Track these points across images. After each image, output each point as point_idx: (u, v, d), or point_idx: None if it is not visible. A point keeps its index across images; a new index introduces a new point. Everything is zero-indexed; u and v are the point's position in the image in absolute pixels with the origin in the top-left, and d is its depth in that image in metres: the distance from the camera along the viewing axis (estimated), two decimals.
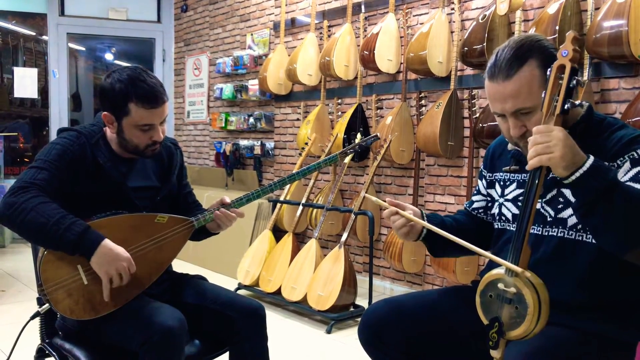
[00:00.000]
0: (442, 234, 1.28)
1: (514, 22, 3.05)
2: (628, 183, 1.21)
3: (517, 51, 1.29)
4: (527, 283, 1.13)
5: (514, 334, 1.15)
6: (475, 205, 1.63)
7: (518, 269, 1.14)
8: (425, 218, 1.49)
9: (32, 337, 1.74)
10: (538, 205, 1.38)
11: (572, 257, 1.32)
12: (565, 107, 1.16)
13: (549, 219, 1.36)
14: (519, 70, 1.28)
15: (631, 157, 1.24)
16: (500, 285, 1.17)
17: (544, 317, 1.12)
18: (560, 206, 1.35)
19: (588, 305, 1.31)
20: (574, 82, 1.15)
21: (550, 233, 1.36)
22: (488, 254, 1.23)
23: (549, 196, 1.37)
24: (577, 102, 1.17)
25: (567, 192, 1.34)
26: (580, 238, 1.32)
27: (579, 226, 1.31)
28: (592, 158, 1.13)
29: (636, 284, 1.32)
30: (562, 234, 1.34)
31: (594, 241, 1.29)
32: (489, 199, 1.60)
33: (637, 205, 1.10)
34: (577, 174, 1.12)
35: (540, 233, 1.37)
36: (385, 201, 1.43)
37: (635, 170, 1.23)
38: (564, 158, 1.11)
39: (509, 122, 1.33)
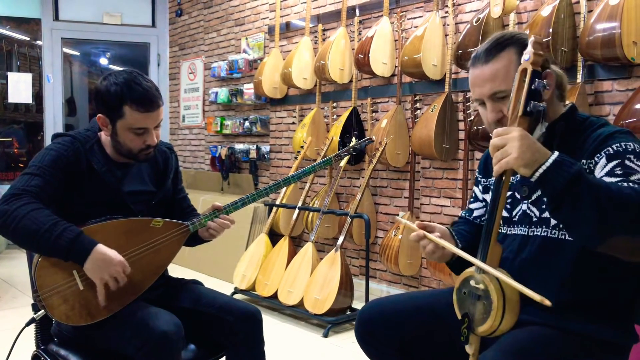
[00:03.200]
0: (473, 261, 1.24)
1: (508, 25, 3.07)
2: (604, 178, 1.22)
3: (497, 41, 1.37)
4: (492, 280, 1.17)
5: (481, 329, 1.18)
6: (475, 213, 1.63)
7: (484, 266, 1.18)
8: (455, 237, 1.47)
9: (28, 344, 1.73)
10: (524, 207, 1.41)
11: (556, 256, 1.33)
12: (528, 109, 1.18)
13: (534, 219, 1.38)
14: (497, 55, 1.35)
15: (607, 152, 1.26)
16: (472, 282, 1.22)
17: (509, 314, 1.15)
18: (544, 206, 1.36)
19: (572, 304, 1.31)
20: (536, 84, 1.17)
21: (535, 233, 1.38)
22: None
23: (534, 197, 1.39)
24: (541, 105, 1.18)
25: None
26: (563, 237, 1.33)
27: (561, 225, 1.32)
28: (556, 154, 1.14)
29: (619, 283, 1.33)
30: (545, 233, 1.36)
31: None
32: (484, 204, 1.61)
33: (604, 196, 1.10)
34: (540, 170, 1.13)
35: (526, 233, 1.39)
36: (414, 222, 1.41)
37: (610, 165, 1.24)
38: (522, 157, 1.13)
39: (487, 108, 1.38)
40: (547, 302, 1.03)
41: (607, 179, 1.21)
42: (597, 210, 1.09)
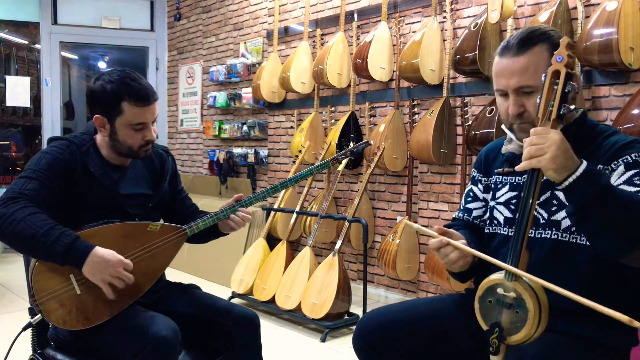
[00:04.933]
0: (498, 263, 1.19)
1: (506, 30, 3.08)
2: (621, 186, 1.22)
3: (530, 34, 1.35)
4: (526, 287, 1.13)
5: (515, 338, 1.14)
6: (475, 213, 1.58)
7: (520, 272, 1.14)
8: (471, 245, 1.39)
9: (24, 348, 1.73)
10: None
11: (567, 260, 1.32)
12: (561, 112, 1.16)
13: (542, 221, 1.37)
14: (529, 49, 1.33)
15: (625, 160, 1.26)
16: (500, 290, 1.17)
17: (544, 321, 1.13)
18: (553, 208, 1.35)
19: (581, 310, 1.31)
20: (569, 87, 1.16)
21: (543, 235, 1.36)
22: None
23: (542, 198, 1.37)
24: (572, 107, 1.18)
25: (561, 194, 1.34)
26: (574, 240, 1.32)
27: (573, 228, 1.32)
28: (585, 163, 1.14)
29: (629, 288, 1.33)
30: (555, 236, 1.34)
31: (587, 243, 1.30)
32: (485, 203, 1.58)
33: (631, 208, 1.11)
34: (571, 179, 1.12)
35: (533, 235, 1.37)
36: (434, 228, 1.33)
37: (629, 173, 1.24)
38: (554, 160, 1.12)
39: (509, 101, 1.35)
40: (628, 320, 0.97)
41: (626, 188, 1.21)
42: (623, 223, 1.10)
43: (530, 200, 1.18)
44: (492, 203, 1.52)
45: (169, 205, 1.87)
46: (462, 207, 1.62)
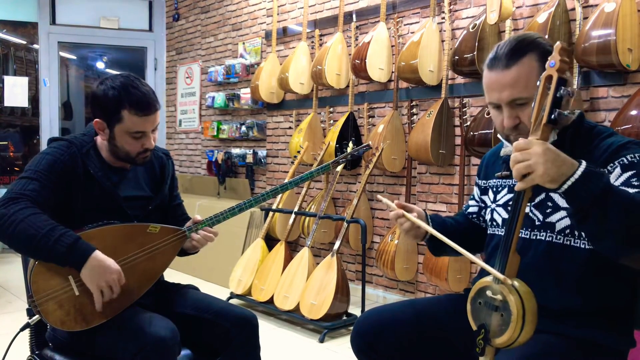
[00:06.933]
0: (444, 239, 1.31)
1: (504, 31, 3.09)
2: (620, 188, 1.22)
3: (518, 44, 1.33)
4: (512, 290, 1.13)
5: (499, 341, 1.15)
6: (470, 209, 1.67)
7: (501, 277, 1.15)
8: (429, 220, 1.54)
9: (22, 349, 1.72)
10: (527, 209, 1.38)
11: (561, 262, 1.33)
12: (552, 117, 1.16)
13: (537, 223, 1.37)
14: (518, 60, 1.31)
15: (621, 162, 1.26)
16: (488, 293, 1.18)
17: (529, 326, 1.12)
18: (548, 210, 1.35)
19: (577, 311, 1.31)
20: (562, 92, 1.16)
21: (538, 237, 1.36)
22: (480, 262, 1.23)
23: (537, 200, 1.38)
24: (566, 112, 1.17)
25: (556, 196, 1.35)
26: (568, 242, 1.32)
27: (567, 230, 1.32)
28: (584, 165, 1.13)
29: (625, 290, 1.33)
30: (550, 238, 1.35)
31: (582, 246, 1.30)
32: (481, 204, 1.63)
33: (632, 208, 1.11)
34: (569, 182, 1.11)
35: (528, 237, 1.38)
36: (393, 202, 1.49)
37: (626, 175, 1.24)
38: (547, 173, 1.10)
39: (503, 113, 1.35)
40: (501, 276, 1.09)
41: (624, 189, 1.20)
42: (624, 223, 1.10)
43: (520, 206, 1.18)
44: (492, 205, 1.54)
45: (165, 209, 1.87)
46: (467, 202, 1.73)
